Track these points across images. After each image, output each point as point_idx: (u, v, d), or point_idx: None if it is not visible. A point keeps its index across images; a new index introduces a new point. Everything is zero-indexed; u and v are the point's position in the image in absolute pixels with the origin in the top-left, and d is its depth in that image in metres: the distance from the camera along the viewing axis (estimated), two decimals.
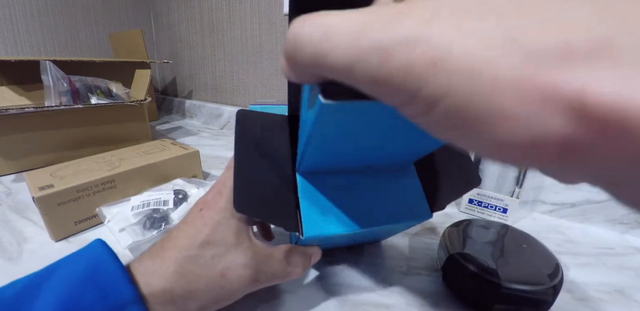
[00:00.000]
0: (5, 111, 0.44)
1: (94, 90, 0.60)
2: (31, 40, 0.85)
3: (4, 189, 0.44)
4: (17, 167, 0.50)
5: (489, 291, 0.22)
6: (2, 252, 0.30)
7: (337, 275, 0.27)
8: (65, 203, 0.32)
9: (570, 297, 0.26)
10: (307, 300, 0.24)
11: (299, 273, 0.22)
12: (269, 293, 0.25)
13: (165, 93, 1.13)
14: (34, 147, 0.50)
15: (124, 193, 0.37)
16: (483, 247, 0.26)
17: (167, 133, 0.79)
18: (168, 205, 0.33)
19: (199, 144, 0.69)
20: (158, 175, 0.40)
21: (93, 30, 0.96)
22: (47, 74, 0.53)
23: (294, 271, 0.21)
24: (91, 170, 0.36)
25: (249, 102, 0.81)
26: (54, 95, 0.53)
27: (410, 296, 0.25)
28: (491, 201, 0.38)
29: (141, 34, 0.83)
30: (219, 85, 0.90)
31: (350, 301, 0.24)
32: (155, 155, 0.42)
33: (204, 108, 0.90)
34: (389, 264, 0.29)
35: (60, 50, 0.90)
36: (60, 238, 0.32)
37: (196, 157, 0.45)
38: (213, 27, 0.86)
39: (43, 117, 0.50)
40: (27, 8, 0.83)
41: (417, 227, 0.36)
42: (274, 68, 0.74)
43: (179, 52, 1.01)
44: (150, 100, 0.62)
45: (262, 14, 0.72)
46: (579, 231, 0.36)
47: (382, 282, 0.26)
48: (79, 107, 0.52)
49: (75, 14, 0.91)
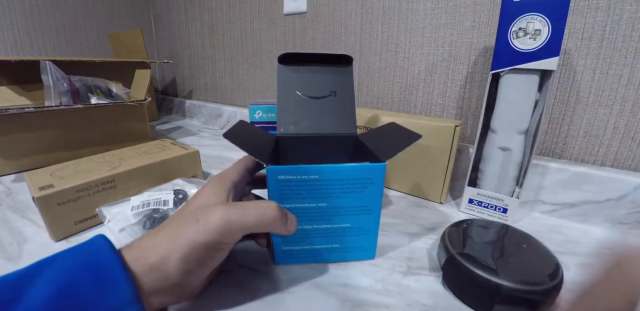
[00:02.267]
0: (5, 111, 0.44)
1: (94, 90, 0.60)
2: (31, 40, 0.85)
3: (4, 189, 0.44)
4: (17, 167, 0.50)
5: (489, 291, 0.22)
6: (2, 252, 0.30)
7: (337, 275, 0.27)
8: (65, 203, 0.32)
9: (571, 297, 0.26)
10: (307, 300, 0.24)
11: (274, 214, 0.23)
12: (269, 293, 0.25)
13: (165, 93, 1.13)
14: (34, 147, 0.50)
15: (124, 193, 0.37)
16: (483, 247, 0.26)
17: (167, 133, 0.79)
18: (168, 205, 0.33)
19: (199, 144, 0.69)
20: (158, 175, 0.40)
21: (93, 30, 0.96)
22: (47, 73, 0.53)
23: (269, 210, 0.22)
24: (91, 170, 0.36)
25: (249, 102, 0.81)
26: (54, 95, 0.53)
27: (410, 296, 0.25)
28: (491, 201, 0.38)
29: (141, 34, 0.83)
30: (219, 85, 0.90)
31: (350, 301, 0.24)
32: (155, 155, 0.42)
33: (204, 108, 0.90)
34: (389, 264, 0.29)
35: (60, 50, 0.90)
36: (60, 238, 0.32)
37: (196, 157, 0.45)
38: (213, 27, 0.86)
39: (43, 117, 0.50)
40: (27, 8, 0.83)
41: (417, 227, 0.36)
42: (274, 68, 0.74)
43: (179, 52, 1.01)
44: (150, 100, 0.62)
45: (262, 14, 0.72)
46: (579, 231, 0.36)
47: (382, 282, 0.26)
48: (79, 107, 0.52)
49: (75, 14, 0.91)
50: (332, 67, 0.33)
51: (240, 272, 0.27)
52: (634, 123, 0.37)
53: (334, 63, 0.33)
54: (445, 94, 0.50)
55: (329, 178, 0.25)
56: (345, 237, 0.28)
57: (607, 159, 0.39)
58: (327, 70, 0.33)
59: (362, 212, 0.27)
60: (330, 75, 0.33)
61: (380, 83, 0.57)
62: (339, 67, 0.33)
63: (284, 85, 0.33)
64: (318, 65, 0.33)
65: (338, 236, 0.28)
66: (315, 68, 0.33)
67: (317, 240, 0.28)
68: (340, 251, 0.29)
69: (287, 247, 0.28)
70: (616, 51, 0.36)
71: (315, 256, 0.29)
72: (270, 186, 0.25)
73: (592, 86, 0.38)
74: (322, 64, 0.33)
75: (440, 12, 0.48)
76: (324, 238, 0.28)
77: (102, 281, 0.17)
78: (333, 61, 0.33)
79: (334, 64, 0.33)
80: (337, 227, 0.27)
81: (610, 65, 0.37)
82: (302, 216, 0.26)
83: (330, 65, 0.33)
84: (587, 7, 0.37)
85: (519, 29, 0.32)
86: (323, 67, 0.33)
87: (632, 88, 0.36)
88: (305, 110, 0.33)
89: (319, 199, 0.26)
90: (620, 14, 0.35)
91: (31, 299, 0.16)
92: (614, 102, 0.37)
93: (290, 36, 0.68)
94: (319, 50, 0.64)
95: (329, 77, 0.33)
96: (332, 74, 0.33)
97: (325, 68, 0.33)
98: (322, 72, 0.33)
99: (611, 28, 0.36)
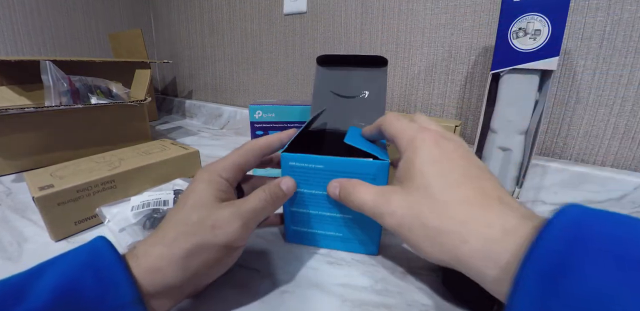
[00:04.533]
0: (5, 111, 0.44)
1: (94, 90, 0.60)
2: (31, 40, 0.85)
3: (4, 189, 0.44)
4: (17, 167, 0.50)
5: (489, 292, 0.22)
6: (2, 252, 0.30)
7: (337, 275, 0.27)
8: (65, 203, 0.32)
9: None
10: (307, 300, 0.24)
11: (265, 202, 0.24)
12: (269, 293, 0.25)
13: (165, 93, 1.13)
14: (34, 147, 0.50)
15: (124, 193, 0.37)
16: None
17: (167, 133, 0.79)
18: (168, 205, 0.33)
19: (199, 144, 0.69)
20: (158, 175, 0.40)
21: (93, 30, 0.96)
22: (47, 73, 0.53)
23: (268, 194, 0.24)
24: (91, 170, 0.36)
25: (249, 102, 0.81)
26: (54, 95, 0.53)
27: (410, 296, 0.25)
28: None
29: (141, 34, 0.83)
30: (219, 85, 0.90)
31: (350, 301, 0.24)
32: (155, 155, 0.42)
33: (204, 108, 0.90)
34: (389, 264, 0.29)
35: (60, 50, 0.90)
36: (60, 238, 0.32)
37: (196, 157, 0.45)
38: (213, 27, 0.86)
39: (43, 117, 0.50)
40: (27, 8, 0.83)
41: None
42: (274, 68, 0.74)
43: (179, 52, 1.01)
44: (150, 100, 0.62)
45: (262, 14, 0.72)
46: None
47: (382, 282, 0.26)
48: (79, 107, 0.52)
49: (75, 14, 0.91)
50: (367, 68, 0.35)
51: (240, 272, 0.27)
52: (634, 123, 0.37)
53: (369, 64, 0.34)
54: (445, 94, 0.50)
55: (333, 169, 0.27)
56: (348, 228, 0.29)
57: (607, 159, 0.39)
58: (361, 71, 0.35)
59: None
60: (364, 76, 0.35)
61: None
62: (374, 68, 0.34)
63: (320, 84, 0.35)
64: (353, 67, 0.35)
65: (341, 226, 0.29)
66: (350, 69, 0.35)
67: (322, 225, 0.30)
68: (344, 241, 0.30)
69: (296, 227, 0.31)
70: (616, 51, 0.36)
71: (320, 241, 0.31)
72: (283, 171, 0.28)
73: (592, 86, 0.38)
74: (358, 65, 0.35)
75: (440, 12, 0.48)
76: (328, 225, 0.30)
77: (103, 281, 0.17)
78: (368, 62, 0.34)
79: (368, 65, 0.34)
80: (340, 217, 0.29)
81: (610, 65, 0.37)
82: (309, 201, 0.29)
83: (365, 66, 0.35)
84: (587, 7, 0.37)
85: (519, 29, 0.32)
86: (358, 68, 0.35)
87: (632, 88, 0.36)
88: (336, 108, 0.35)
89: (324, 187, 0.27)
90: (620, 14, 0.35)
91: (33, 299, 0.16)
92: (614, 102, 0.37)
93: (290, 36, 0.68)
94: (319, 50, 0.64)
95: (362, 78, 0.35)
96: (366, 75, 0.35)
97: (360, 69, 0.35)
98: (357, 73, 0.35)
99: (611, 28, 0.36)
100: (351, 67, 0.35)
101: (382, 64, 0.34)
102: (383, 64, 0.34)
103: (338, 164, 0.27)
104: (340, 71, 0.35)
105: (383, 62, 0.34)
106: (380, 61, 0.34)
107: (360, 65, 0.35)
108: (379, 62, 0.34)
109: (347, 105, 0.35)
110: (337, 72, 0.35)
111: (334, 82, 0.35)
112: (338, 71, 0.35)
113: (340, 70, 0.35)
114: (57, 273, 0.17)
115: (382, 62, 0.34)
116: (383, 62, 0.34)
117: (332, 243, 0.30)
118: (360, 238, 0.30)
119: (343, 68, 0.35)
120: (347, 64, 0.35)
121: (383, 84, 0.34)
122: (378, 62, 0.34)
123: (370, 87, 0.35)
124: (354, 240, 0.30)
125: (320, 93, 0.35)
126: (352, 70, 0.35)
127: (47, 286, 0.16)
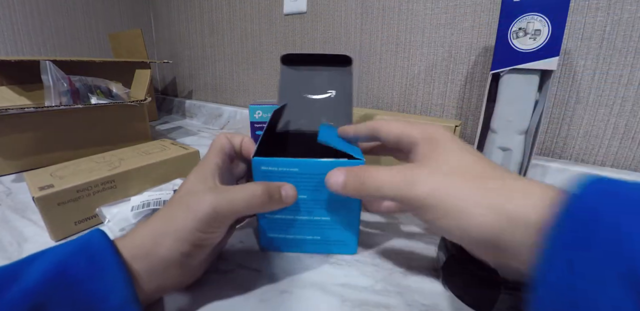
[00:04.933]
0: (5, 111, 0.44)
1: (94, 90, 0.60)
2: (31, 40, 0.85)
3: (4, 189, 0.44)
4: (17, 167, 0.50)
5: (489, 291, 0.22)
6: (2, 252, 0.30)
7: (337, 275, 0.27)
8: (65, 203, 0.32)
9: None
10: (307, 300, 0.24)
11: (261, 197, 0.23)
12: (269, 293, 0.25)
13: (165, 93, 1.13)
14: (34, 147, 0.50)
15: (124, 193, 0.37)
16: None
17: (167, 133, 0.79)
18: None
19: (199, 144, 0.69)
20: (158, 175, 0.40)
21: (93, 30, 0.96)
22: (47, 73, 0.53)
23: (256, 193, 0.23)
24: (91, 170, 0.36)
25: (249, 102, 0.81)
26: (54, 95, 0.53)
27: (410, 296, 0.25)
28: None
29: (141, 34, 0.83)
30: (219, 85, 0.90)
31: (350, 301, 0.24)
32: (155, 155, 0.42)
33: (204, 108, 0.90)
34: (389, 264, 0.29)
35: (60, 50, 0.90)
36: (60, 238, 0.32)
37: (196, 157, 0.45)
38: (213, 27, 0.86)
39: (43, 117, 0.50)
40: (27, 8, 0.83)
41: (417, 227, 0.36)
42: (274, 68, 0.74)
43: (179, 52, 1.01)
44: (150, 100, 0.62)
45: (262, 14, 0.72)
46: None
47: (382, 282, 0.26)
48: (79, 107, 0.52)
49: (75, 14, 0.91)
50: (332, 67, 0.34)
51: (240, 272, 0.27)
52: (634, 123, 0.37)
53: (334, 63, 0.34)
54: (445, 94, 0.50)
55: (308, 172, 0.26)
56: (326, 230, 0.29)
57: (607, 159, 0.39)
58: (326, 70, 0.34)
59: (342, 207, 0.28)
60: (330, 75, 0.34)
61: (380, 83, 0.57)
62: (339, 67, 0.34)
63: (285, 84, 0.34)
64: (318, 65, 0.34)
65: (319, 229, 0.29)
66: (315, 68, 0.34)
67: (299, 230, 0.29)
68: (322, 244, 0.29)
69: (272, 234, 0.29)
70: (616, 51, 0.36)
71: (298, 246, 0.30)
72: (255, 176, 0.26)
73: (592, 86, 0.38)
74: (323, 64, 0.34)
75: (440, 12, 0.48)
76: (306, 229, 0.29)
77: (94, 264, 0.18)
78: (333, 61, 0.33)
79: (334, 64, 0.34)
80: (317, 220, 0.28)
81: (610, 65, 0.37)
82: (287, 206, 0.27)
83: (331, 65, 0.34)
84: (587, 7, 0.37)
85: (519, 29, 0.32)
86: (323, 67, 0.34)
87: (632, 88, 0.36)
88: (303, 109, 0.34)
89: (300, 191, 0.26)
90: (620, 14, 0.35)
91: (27, 279, 0.17)
92: (614, 102, 0.37)
93: (290, 36, 0.68)
94: (319, 50, 0.64)
95: (328, 77, 0.34)
96: (331, 74, 0.34)
97: (325, 68, 0.34)
98: (321, 72, 0.34)
99: (611, 28, 0.36)
100: (316, 67, 0.34)
101: (347, 63, 0.33)
102: (348, 63, 0.33)
103: (314, 166, 0.26)
104: (305, 71, 0.34)
105: (348, 61, 0.33)
106: (345, 60, 0.33)
107: (325, 64, 0.34)
108: (344, 61, 0.33)
109: (313, 105, 0.34)
110: (301, 72, 0.34)
111: (299, 82, 0.34)
112: (302, 71, 0.34)
113: (305, 70, 0.34)
114: (50, 257, 0.18)
115: (347, 61, 0.33)
116: (348, 62, 0.33)
117: (311, 247, 0.30)
118: (339, 239, 0.29)
119: (307, 67, 0.34)
120: (312, 63, 0.34)
121: (349, 84, 0.34)
122: (343, 61, 0.33)
123: (337, 87, 0.34)
124: (333, 242, 0.29)
125: (286, 94, 0.34)
126: (317, 69, 0.34)
127: (40, 269, 0.17)
